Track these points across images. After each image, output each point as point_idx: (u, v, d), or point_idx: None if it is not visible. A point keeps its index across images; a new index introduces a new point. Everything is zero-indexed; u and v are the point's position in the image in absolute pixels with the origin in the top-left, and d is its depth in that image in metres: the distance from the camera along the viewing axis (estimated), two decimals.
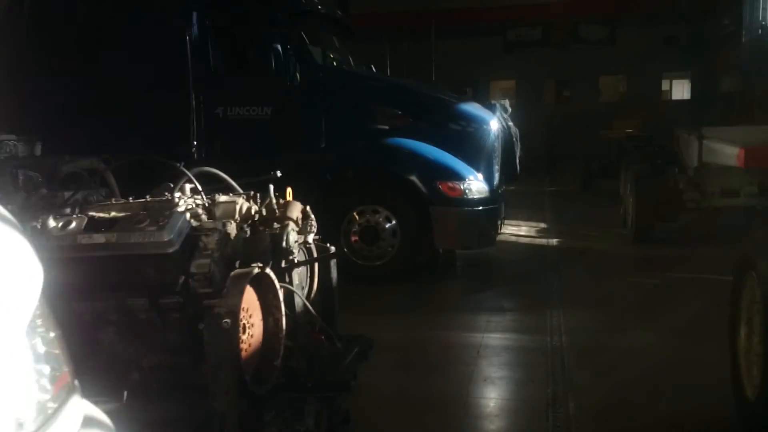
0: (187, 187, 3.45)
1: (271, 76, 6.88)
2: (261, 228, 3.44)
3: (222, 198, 3.44)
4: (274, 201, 3.58)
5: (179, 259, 3.12)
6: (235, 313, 3.09)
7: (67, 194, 3.37)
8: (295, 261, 3.84)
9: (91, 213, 3.26)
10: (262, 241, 3.24)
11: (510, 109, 9.49)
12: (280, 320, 3.56)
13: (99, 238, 3.07)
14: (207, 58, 7.14)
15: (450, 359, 4.89)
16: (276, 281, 3.46)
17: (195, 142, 7.20)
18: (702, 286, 6.47)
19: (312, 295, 4.68)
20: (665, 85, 26.17)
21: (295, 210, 3.65)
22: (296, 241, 3.57)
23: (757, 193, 8.39)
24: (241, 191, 3.71)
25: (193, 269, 3.10)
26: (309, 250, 4.47)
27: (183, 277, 3.09)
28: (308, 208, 3.81)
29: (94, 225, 3.14)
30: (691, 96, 24.92)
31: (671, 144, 10.15)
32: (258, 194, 3.72)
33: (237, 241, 3.22)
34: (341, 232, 7.03)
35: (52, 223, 3.12)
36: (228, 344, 3.06)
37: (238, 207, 3.40)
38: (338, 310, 4.90)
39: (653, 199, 8.52)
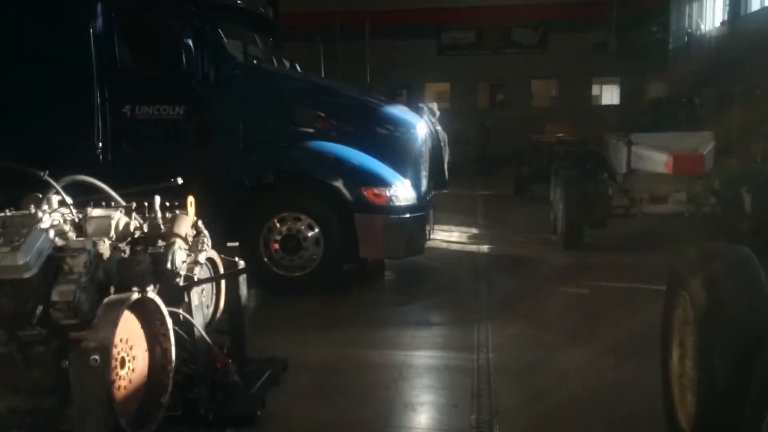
0: (55, 199, 2.98)
1: (183, 72, 6.37)
2: (141, 247, 3.00)
3: (95, 212, 2.98)
4: (159, 215, 3.13)
5: (38, 284, 2.65)
6: (105, 347, 2.65)
7: None
8: (193, 280, 3.41)
9: None
10: (142, 263, 2.80)
11: (438, 113, 9.20)
12: (168, 350, 3.13)
13: None
14: (112, 53, 6.58)
15: (369, 382, 4.52)
16: (162, 306, 3.02)
17: (100, 144, 6.62)
18: (633, 297, 6.30)
19: (218, 314, 4.26)
20: (596, 90, 26.59)
21: (184, 225, 3.21)
22: (184, 261, 3.14)
23: (685, 200, 8.37)
24: (123, 203, 3.26)
25: (54, 297, 2.65)
26: (213, 266, 4.04)
27: (41, 307, 2.61)
28: (200, 222, 3.39)
29: None
30: (620, 101, 25.38)
31: (600, 149, 10.08)
32: (145, 205, 3.27)
33: (111, 263, 2.77)
34: (261, 241, 6.59)
35: None
36: (98, 384, 2.62)
37: (114, 222, 2.95)
38: (249, 330, 4.48)
39: (582, 204, 8.39)
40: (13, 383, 2.78)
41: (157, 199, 3.15)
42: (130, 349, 2.97)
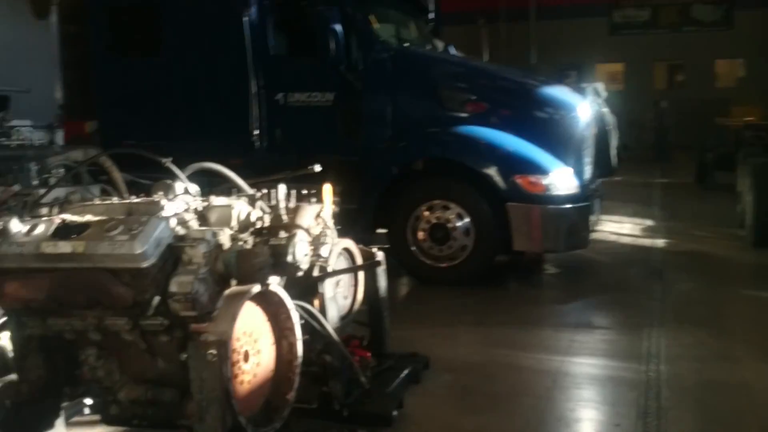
0: (181, 186, 2.86)
1: (332, 58, 6.25)
2: (262, 238, 2.81)
3: (217, 201, 2.83)
4: (282, 204, 2.93)
5: (157, 275, 2.53)
6: (224, 342, 2.47)
7: (42, 191, 2.85)
8: (326, 271, 3.20)
9: (65, 216, 2.73)
10: (260, 255, 2.60)
11: (605, 94, 8.42)
12: (294, 345, 2.93)
13: (65, 246, 2.53)
14: (266, 40, 6.61)
15: (519, 389, 4.09)
16: (287, 299, 2.82)
17: (255, 132, 6.70)
18: None
19: (356, 306, 4.04)
20: None
21: (307, 216, 2.99)
22: (306, 254, 2.91)
23: None
24: (250, 191, 3.10)
25: (173, 287, 2.51)
26: (350, 257, 3.82)
27: (158, 298, 2.49)
28: (326, 213, 3.15)
29: (63, 230, 2.59)
30: None
31: None
32: (271, 194, 3.09)
33: (230, 254, 2.60)
34: (408, 229, 6.34)
35: (15, 226, 2.59)
36: (216, 379, 2.45)
37: (235, 212, 2.78)
38: (389, 323, 4.23)
39: None
40: (138, 373, 2.69)
41: (282, 188, 2.95)
42: (255, 343, 2.80)
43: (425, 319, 5.35)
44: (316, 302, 3.38)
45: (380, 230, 6.63)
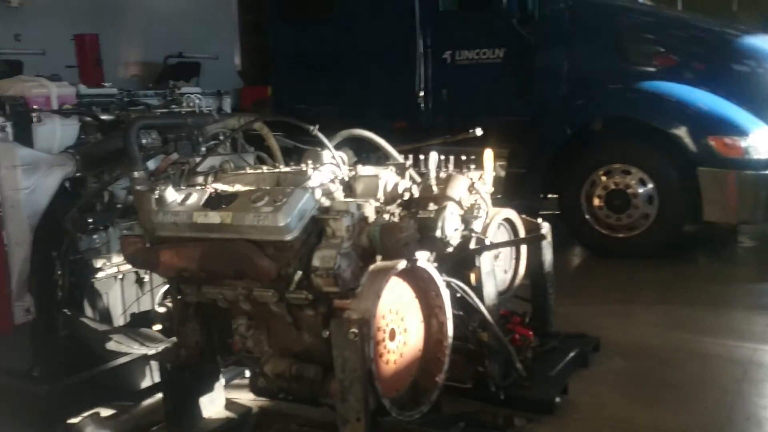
0: (329, 155, 2.76)
1: (503, 11, 5.88)
2: (410, 211, 2.64)
3: (364, 170, 2.69)
4: (432, 174, 2.73)
5: (300, 248, 2.45)
6: (367, 320, 2.36)
7: (197, 159, 2.88)
8: (484, 244, 2.99)
9: (217, 185, 2.74)
10: (406, 229, 2.43)
11: None
12: (444, 324, 2.76)
13: (214, 217, 2.53)
14: None
15: (702, 380, 3.63)
16: (436, 276, 2.65)
17: (421, 92, 6.55)
18: None
19: (518, 280, 3.80)
20: None
21: (459, 187, 2.77)
22: (456, 229, 2.70)
23: None
24: (400, 159, 2.94)
25: (315, 262, 2.42)
26: (512, 227, 3.56)
27: (299, 273, 2.42)
28: (483, 183, 2.91)
29: (214, 200, 2.60)
30: None
31: None
32: (425, 161, 2.91)
33: (374, 228, 2.46)
34: (582, 195, 5.91)
35: (171, 195, 2.64)
36: (358, 359, 2.35)
37: (382, 182, 2.63)
38: (554, 299, 3.93)
39: None
40: (284, 346, 2.67)
41: (433, 156, 2.75)
42: (401, 321, 2.67)
43: (596, 295, 4.95)
44: (473, 276, 3.19)
45: (550, 196, 6.26)
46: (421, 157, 3.39)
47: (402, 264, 2.51)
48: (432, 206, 2.66)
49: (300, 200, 2.44)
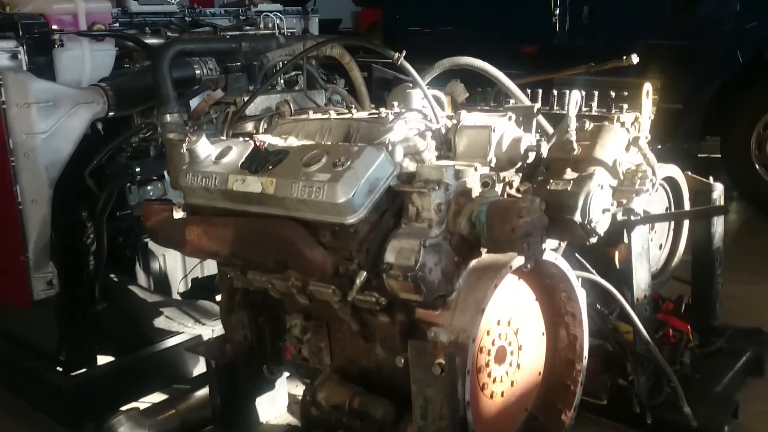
0: (420, 96, 1.94)
1: None
2: (537, 180, 1.80)
3: (471, 118, 1.86)
4: (572, 123, 1.85)
5: (368, 235, 1.69)
6: (463, 346, 1.60)
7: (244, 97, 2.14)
8: (636, 215, 2.11)
9: (266, 136, 2.00)
10: (529, 211, 1.59)
11: None
12: (578, 338, 1.95)
13: (254, 183, 1.80)
14: None
15: None
16: (570, 275, 1.83)
17: (556, 11, 5.52)
18: None
19: (675, 258, 2.90)
20: None
21: (613, 144, 1.88)
22: (606, 210, 1.83)
23: None
24: (525, 99, 2.07)
25: (389, 256, 1.66)
26: (673, 188, 2.65)
27: (364, 274, 1.66)
28: (643, 140, 2.01)
29: (257, 159, 1.86)
30: None
31: None
32: (558, 100, 2.03)
33: (480, 207, 1.64)
34: (753, 140, 4.80)
35: (204, 149, 1.94)
36: (445, 402, 1.60)
37: (495, 137, 1.79)
38: (721, 284, 2.98)
39: None
40: (351, 360, 1.96)
41: (574, 96, 1.85)
42: (514, 335, 1.88)
43: None
44: (617, 255, 2.33)
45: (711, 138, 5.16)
46: (554, 93, 2.51)
47: (518, 261, 1.70)
48: (570, 174, 1.79)
49: (370, 164, 1.66)
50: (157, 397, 2.62)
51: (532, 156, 1.80)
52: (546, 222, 1.65)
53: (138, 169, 2.54)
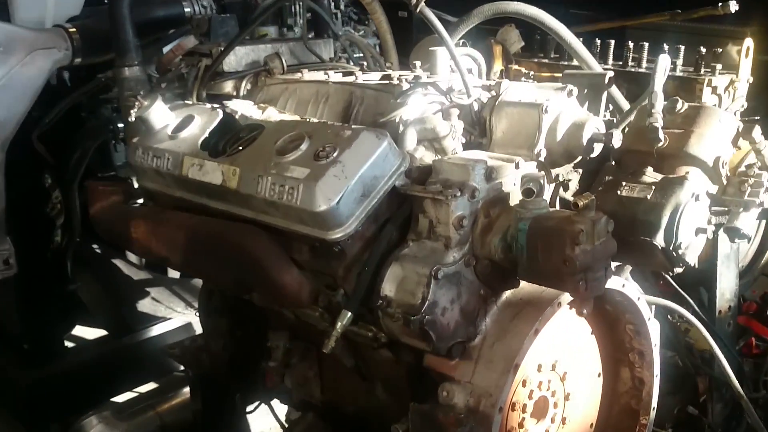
0: (446, 56, 1.42)
1: None
2: (603, 182, 1.28)
3: (512, 90, 1.34)
4: (658, 101, 1.30)
5: (359, 255, 1.22)
6: (486, 414, 1.14)
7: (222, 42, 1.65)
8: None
9: (242, 104, 1.52)
10: (585, 235, 1.08)
11: None
12: (647, 384, 1.48)
13: (213, 171, 1.34)
14: None
15: None
16: (643, 305, 1.34)
17: None
18: None
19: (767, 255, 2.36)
20: None
21: (716, 134, 1.33)
22: (701, 231, 1.30)
23: None
24: (594, 63, 1.53)
25: (387, 288, 1.19)
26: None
27: (349, 315, 1.20)
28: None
29: (221, 137, 1.40)
30: None
31: None
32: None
33: (520, 224, 1.14)
34: None
35: (160, 116, 1.48)
36: None
37: (547, 119, 1.28)
38: None
39: None
40: (345, 398, 1.52)
41: (663, 61, 1.29)
42: (562, 381, 1.40)
43: None
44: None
45: None
46: (629, 45, 1.95)
47: (566, 300, 1.21)
48: (651, 174, 1.25)
49: (366, 158, 1.17)
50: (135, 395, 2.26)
51: (598, 148, 1.27)
52: (614, 249, 1.14)
53: (121, 125, 2.10)
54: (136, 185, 1.58)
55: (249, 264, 1.23)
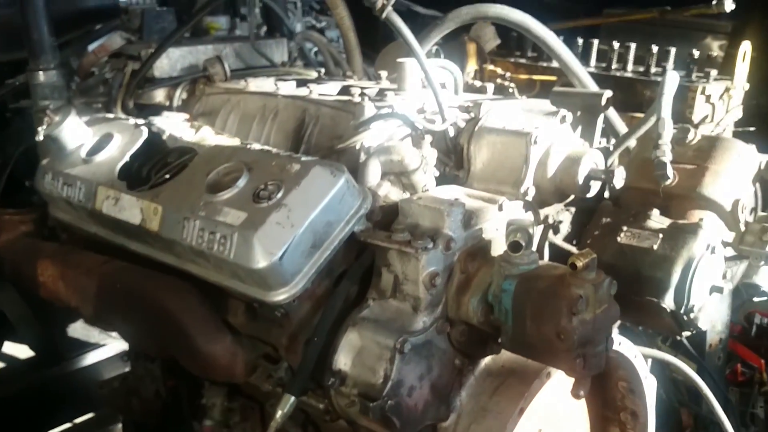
0: (415, 68, 1.19)
1: None
2: (602, 227, 1.08)
3: (494, 113, 1.12)
4: (666, 131, 1.09)
5: (306, 319, 0.99)
6: None
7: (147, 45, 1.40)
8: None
9: (174, 118, 1.28)
10: (583, 302, 0.87)
11: None
12: None
13: (130, 207, 1.10)
14: None
15: None
16: (639, 365, 1.13)
17: None
18: None
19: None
20: None
21: (735, 172, 1.13)
22: (718, 289, 1.09)
23: None
24: (591, 82, 1.31)
25: (341, 361, 0.95)
26: None
27: (292, 399, 0.97)
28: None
29: (145, 162, 1.15)
30: None
31: None
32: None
33: (505, 283, 0.92)
34: None
35: (73, 133, 1.23)
36: None
37: (535, 152, 1.06)
38: None
39: None
40: None
41: (671, 78, 1.07)
42: None
43: None
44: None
45: None
46: (614, 45, 1.76)
47: (556, 377, 1.01)
48: (657, 219, 1.04)
49: (319, 200, 0.94)
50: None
51: (596, 187, 1.06)
52: (617, 317, 0.93)
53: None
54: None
55: (172, 329, 0.99)
